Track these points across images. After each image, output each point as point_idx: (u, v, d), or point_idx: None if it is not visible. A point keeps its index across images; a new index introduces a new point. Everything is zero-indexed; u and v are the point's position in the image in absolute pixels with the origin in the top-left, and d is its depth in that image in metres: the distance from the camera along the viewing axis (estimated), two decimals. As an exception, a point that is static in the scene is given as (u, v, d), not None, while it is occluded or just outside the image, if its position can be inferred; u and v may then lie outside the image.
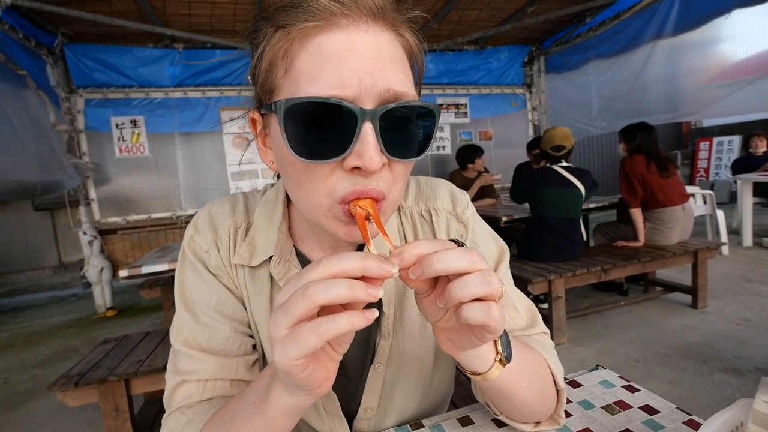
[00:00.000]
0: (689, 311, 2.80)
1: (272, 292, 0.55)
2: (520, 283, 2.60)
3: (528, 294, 2.89)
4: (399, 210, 0.59)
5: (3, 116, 2.76)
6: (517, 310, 0.59)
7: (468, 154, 3.81)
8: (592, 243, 3.46)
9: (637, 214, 2.84)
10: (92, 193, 3.80)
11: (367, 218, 0.38)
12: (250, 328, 0.57)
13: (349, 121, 0.37)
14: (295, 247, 0.55)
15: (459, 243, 0.36)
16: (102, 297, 3.89)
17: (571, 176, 2.63)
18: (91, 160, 3.76)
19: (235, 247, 0.55)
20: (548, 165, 2.70)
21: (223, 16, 3.46)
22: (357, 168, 0.38)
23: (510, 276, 0.62)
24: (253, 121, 0.47)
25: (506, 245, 0.63)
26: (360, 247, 0.56)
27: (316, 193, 0.41)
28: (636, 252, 2.77)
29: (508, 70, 4.97)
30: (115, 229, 3.91)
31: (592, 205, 3.35)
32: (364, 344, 0.59)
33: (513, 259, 2.94)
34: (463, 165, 3.86)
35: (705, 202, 4.18)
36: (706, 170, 7.53)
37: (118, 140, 3.81)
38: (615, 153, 7.76)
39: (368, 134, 0.37)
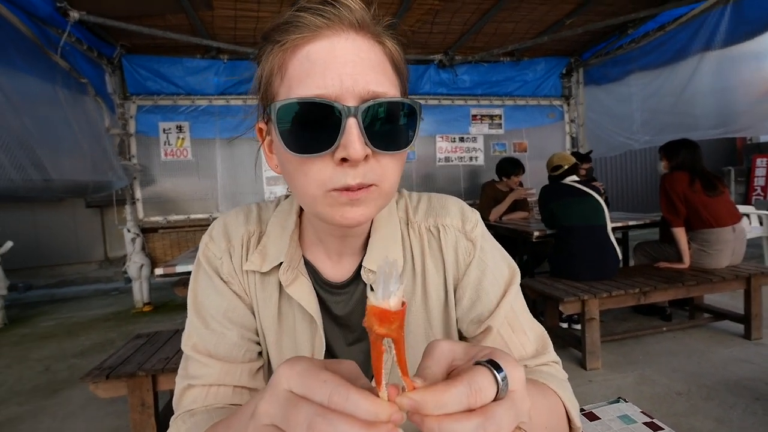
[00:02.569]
0: (741, 342, 2.58)
1: (280, 301, 0.56)
2: (551, 301, 2.50)
3: (560, 314, 2.79)
4: (408, 223, 0.60)
5: (64, 120, 2.99)
6: (527, 336, 0.57)
7: (509, 167, 3.68)
8: (632, 263, 3.27)
9: (680, 233, 2.66)
10: (138, 193, 4.04)
11: (382, 340, 0.30)
12: (257, 335, 0.58)
13: (335, 117, 0.40)
14: (303, 255, 0.57)
15: (491, 367, 0.30)
16: (140, 293, 4.10)
17: (582, 187, 2.69)
18: (138, 162, 4.00)
19: (247, 254, 0.57)
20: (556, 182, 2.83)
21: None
22: (345, 160, 0.41)
23: (522, 299, 0.60)
24: (260, 130, 0.52)
25: (517, 267, 0.61)
26: (359, 270, 0.57)
27: (311, 186, 0.44)
28: (680, 274, 2.60)
29: (544, 81, 4.89)
30: (156, 228, 4.12)
31: (631, 223, 3.17)
32: (367, 355, 0.59)
33: (545, 276, 2.86)
34: (500, 177, 3.76)
35: (761, 224, 3.88)
36: (764, 189, 6.99)
37: (164, 144, 4.04)
38: (658, 168, 7.45)
39: (352, 127, 0.40)
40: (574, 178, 2.80)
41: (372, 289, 0.29)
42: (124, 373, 1.62)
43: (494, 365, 0.30)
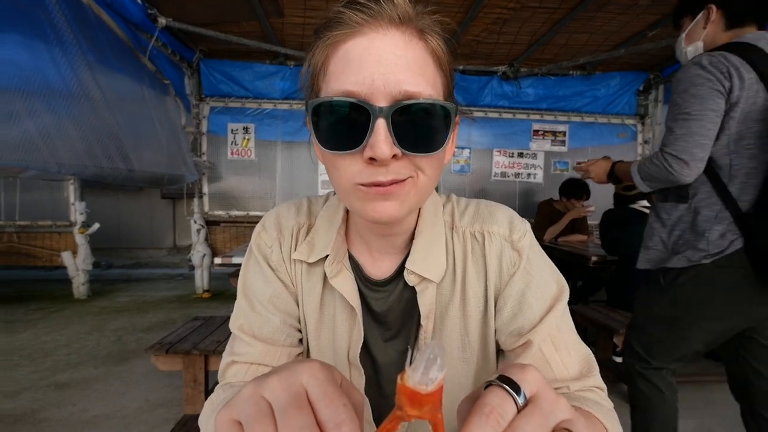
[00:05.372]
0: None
1: (323, 292, 0.58)
2: (605, 332, 2.31)
3: (614, 347, 2.57)
4: (452, 228, 0.59)
5: (148, 118, 3.32)
6: (571, 356, 0.54)
7: (574, 188, 3.43)
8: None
9: None
10: (205, 188, 4.36)
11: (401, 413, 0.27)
12: (299, 322, 0.60)
13: (365, 117, 0.41)
14: (348, 250, 0.59)
15: (498, 382, 0.28)
16: (201, 280, 4.42)
17: None
18: (208, 159, 4.33)
19: (296, 244, 0.59)
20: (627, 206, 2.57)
21: (331, 37, 3.77)
22: (373, 159, 0.41)
23: (568, 318, 0.56)
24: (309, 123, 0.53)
25: (566, 284, 0.58)
26: (397, 276, 0.58)
27: (342, 179, 0.45)
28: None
29: (618, 98, 4.56)
30: (218, 222, 4.43)
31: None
32: (401, 355, 0.59)
33: (601, 305, 2.66)
34: (561, 197, 3.55)
35: None
36: None
37: (231, 144, 4.34)
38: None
39: (380, 128, 0.40)
40: (645, 203, 2.54)
41: (410, 364, 0.26)
42: (181, 350, 1.76)
43: (500, 379, 0.28)
